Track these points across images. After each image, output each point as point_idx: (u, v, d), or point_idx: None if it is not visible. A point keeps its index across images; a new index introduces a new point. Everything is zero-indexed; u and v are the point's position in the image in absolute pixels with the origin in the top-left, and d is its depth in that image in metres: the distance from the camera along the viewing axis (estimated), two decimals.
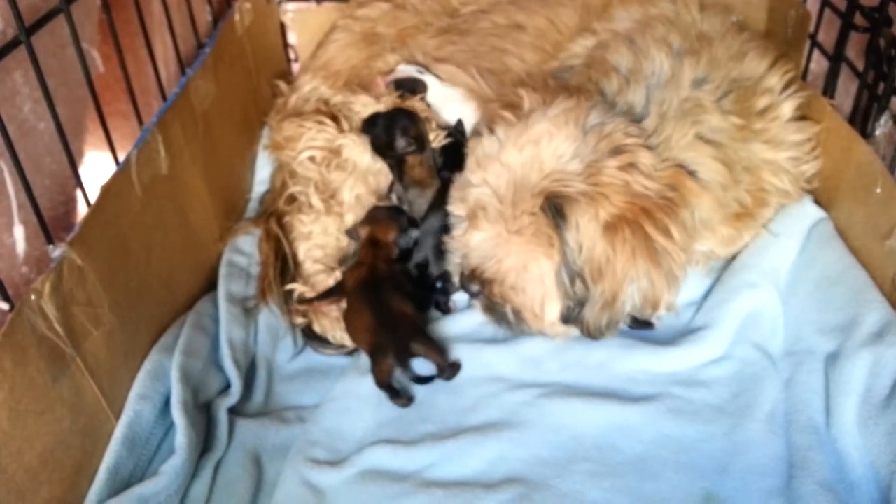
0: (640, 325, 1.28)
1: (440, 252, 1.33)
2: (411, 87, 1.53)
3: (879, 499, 0.97)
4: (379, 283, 1.27)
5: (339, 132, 1.46)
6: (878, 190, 1.16)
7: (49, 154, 1.05)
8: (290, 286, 1.37)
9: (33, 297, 0.90)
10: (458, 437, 1.13)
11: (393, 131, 1.38)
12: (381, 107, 1.47)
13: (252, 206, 1.61)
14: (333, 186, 1.43)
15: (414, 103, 1.49)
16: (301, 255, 1.42)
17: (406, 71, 1.56)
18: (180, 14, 1.43)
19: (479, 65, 1.55)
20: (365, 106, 1.49)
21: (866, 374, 1.06)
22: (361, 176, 1.43)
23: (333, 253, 1.41)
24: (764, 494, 1.03)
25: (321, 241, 1.41)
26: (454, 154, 1.43)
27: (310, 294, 1.35)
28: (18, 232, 0.99)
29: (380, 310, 1.23)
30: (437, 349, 1.22)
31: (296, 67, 1.89)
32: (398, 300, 1.25)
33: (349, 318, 1.28)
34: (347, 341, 1.31)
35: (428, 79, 1.54)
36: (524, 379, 1.23)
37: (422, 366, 1.22)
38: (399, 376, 1.20)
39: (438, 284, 1.36)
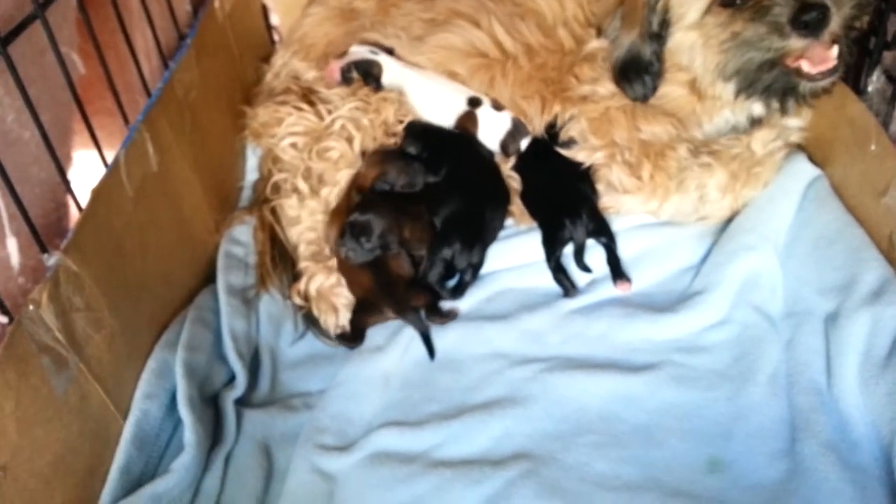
0: (621, 275, 1.30)
1: (472, 240, 1.33)
2: (365, 69, 1.48)
3: (881, 457, 0.98)
4: None
5: (318, 118, 1.45)
6: (873, 147, 1.15)
7: (36, 163, 1.04)
8: (302, 265, 1.38)
9: (31, 307, 0.91)
10: (463, 416, 1.14)
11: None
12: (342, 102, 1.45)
13: (246, 194, 1.60)
14: (317, 173, 1.42)
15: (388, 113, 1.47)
16: (294, 238, 1.43)
17: (358, 52, 1.50)
18: (159, 6, 1.40)
19: (497, 13, 1.48)
20: (335, 97, 1.47)
21: (866, 333, 1.06)
22: (347, 164, 1.42)
23: None
24: (768, 458, 1.04)
25: (310, 224, 1.41)
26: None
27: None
28: (11, 244, 0.98)
29: (378, 273, 1.28)
30: (432, 300, 1.29)
31: None
32: (396, 261, 1.30)
33: (346, 272, 1.32)
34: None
35: (382, 59, 1.48)
36: (526, 354, 1.23)
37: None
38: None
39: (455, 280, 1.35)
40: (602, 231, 1.33)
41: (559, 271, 1.32)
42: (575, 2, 1.45)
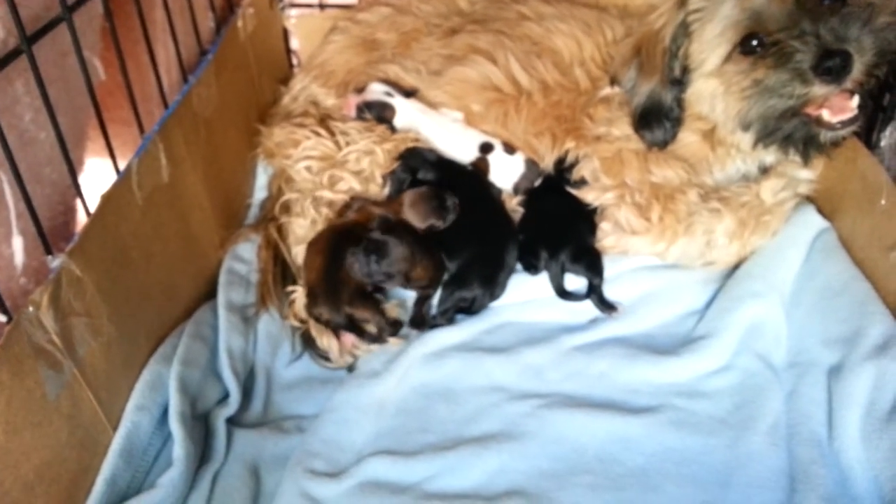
0: (605, 305, 1.31)
1: (492, 284, 1.33)
2: (378, 111, 1.49)
3: None
4: (346, 244, 1.29)
5: (335, 146, 1.46)
6: (883, 202, 1.15)
7: (49, 164, 1.04)
8: (290, 288, 1.37)
9: (31, 308, 0.90)
10: (458, 449, 1.12)
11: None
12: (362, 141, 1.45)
13: (253, 212, 1.60)
14: (327, 199, 1.42)
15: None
16: (299, 258, 1.42)
17: (375, 92, 1.50)
18: (183, 21, 1.42)
19: (514, 50, 1.49)
20: (353, 130, 1.47)
21: (870, 387, 1.05)
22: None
23: None
24: None
25: None
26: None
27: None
28: (17, 243, 0.98)
29: (333, 265, 1.27)
30: (378, 314, 1.28)
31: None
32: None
33: (310, 249, 1.32)
34: (345, 359, 1.31)
35: (396, 102, 1.49)
36: (525, 389, 1.22)
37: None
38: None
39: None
40: (592, 269, 1.33)
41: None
42: (593, 43, 1.47)
